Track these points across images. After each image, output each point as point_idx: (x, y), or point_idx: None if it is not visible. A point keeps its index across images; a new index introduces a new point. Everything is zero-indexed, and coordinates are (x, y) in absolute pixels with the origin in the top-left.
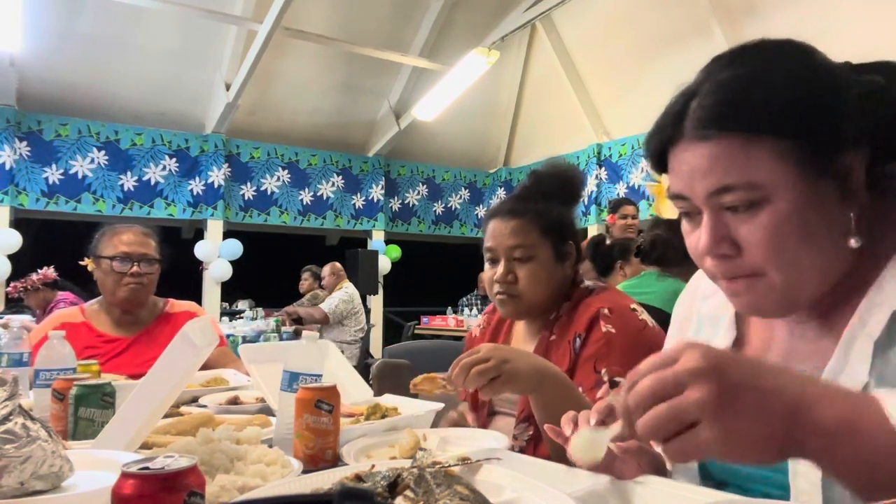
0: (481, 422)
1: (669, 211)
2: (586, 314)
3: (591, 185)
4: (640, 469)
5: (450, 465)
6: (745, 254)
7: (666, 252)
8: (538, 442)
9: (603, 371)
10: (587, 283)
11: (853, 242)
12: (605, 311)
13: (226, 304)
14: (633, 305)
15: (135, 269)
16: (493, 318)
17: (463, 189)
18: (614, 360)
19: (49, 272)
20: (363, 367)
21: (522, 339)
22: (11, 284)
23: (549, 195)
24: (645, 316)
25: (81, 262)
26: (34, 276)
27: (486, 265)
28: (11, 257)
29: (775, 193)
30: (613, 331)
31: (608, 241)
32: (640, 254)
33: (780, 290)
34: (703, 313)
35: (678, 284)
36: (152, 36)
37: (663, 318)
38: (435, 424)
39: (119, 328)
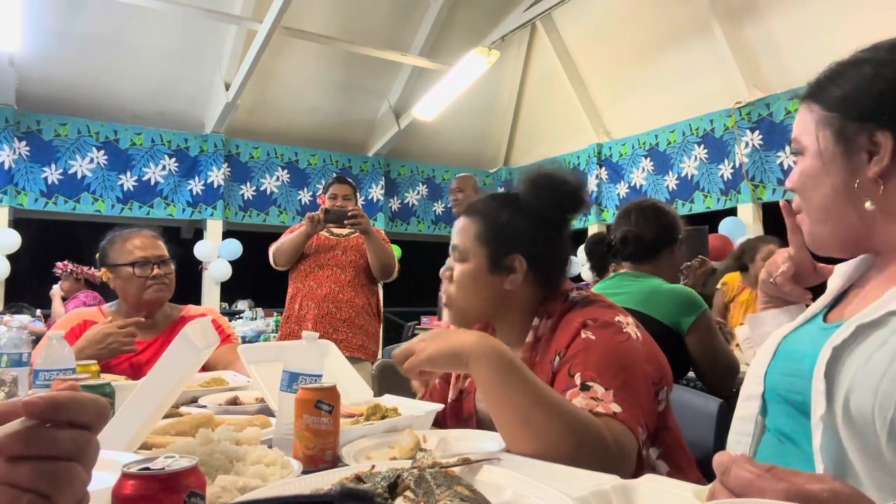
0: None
1: None
2: (568, 330)
3: (591, 185)
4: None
5: (450, 466)
6: None
7: (637, 248)
8: None
9: (577, 375)
10: (572, 294)
11: (868, 205)
12: (589, 321)
13: (225, 304)
14: (619, 318)
15: (156, 271)
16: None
17: None
18: (590, 364)
19: (98, 274)
20: None
21: None
22: (64, 262)
23: (525, 204)
24: (631, 329)
25: (97, 274)
26: (87, 269)
27: None
28: (10, 257)
29: (808, 149)
30: (593, 337)
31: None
32: (612, 251)
33: (808, 226)
34: (830, 283)
35: (653, 283)
36: (152, 36)
37: (639, 319)
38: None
39: (138, 331)
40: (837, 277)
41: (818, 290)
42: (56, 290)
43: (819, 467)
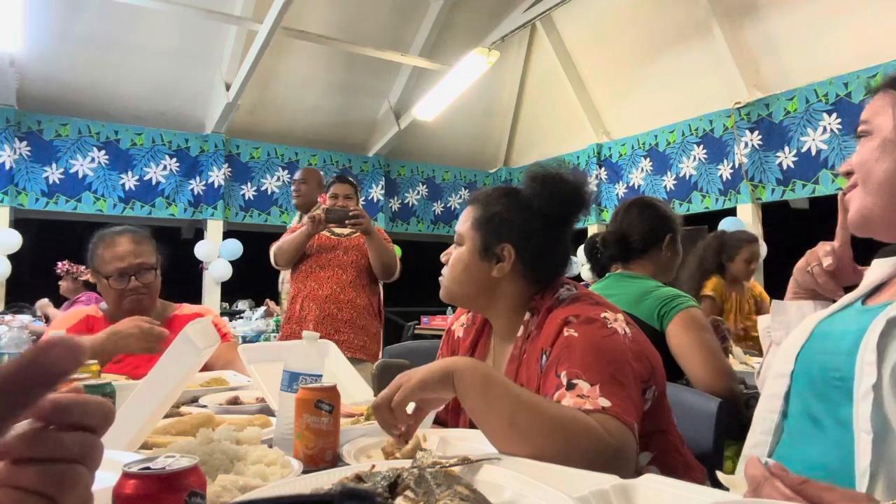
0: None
1: None
2: (552, 327)
3: (591, 185)
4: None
5: (450, 465)
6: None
7: (619, 249)
8: None
9: (563, 374)
10: (561, 291)
11: None
12: (571, 318)
13: (226, 304)
14: (605, 314)
15: (133, 283)
16: (478, 318)
17: (463, 189)
18: (574, 361)
19: (86, 276)
20: None
21: (500, 346)
22: (64, 262)
23: (524, 198)
24: (618, 325)
25: (83, 277)
26: (83, 269)
27: None
28: (11, 257)
29: (880, 126)
30: (575, 334)
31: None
32: (596, 254)
33: (860, 200)
34: (868, 275)
35: (647, 285)
36: (152, 36)
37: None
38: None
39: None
40: (877, 269)
41: (848, 290)
42: (43, 303)
43: (863, 437)
